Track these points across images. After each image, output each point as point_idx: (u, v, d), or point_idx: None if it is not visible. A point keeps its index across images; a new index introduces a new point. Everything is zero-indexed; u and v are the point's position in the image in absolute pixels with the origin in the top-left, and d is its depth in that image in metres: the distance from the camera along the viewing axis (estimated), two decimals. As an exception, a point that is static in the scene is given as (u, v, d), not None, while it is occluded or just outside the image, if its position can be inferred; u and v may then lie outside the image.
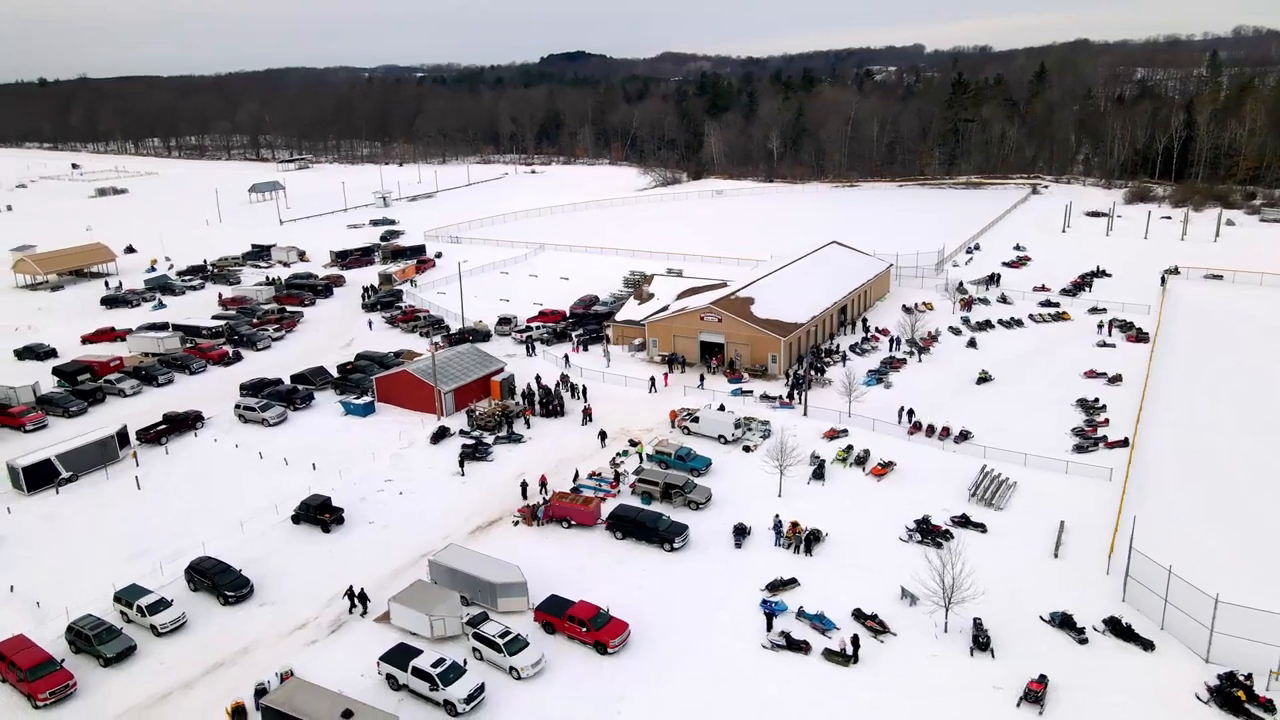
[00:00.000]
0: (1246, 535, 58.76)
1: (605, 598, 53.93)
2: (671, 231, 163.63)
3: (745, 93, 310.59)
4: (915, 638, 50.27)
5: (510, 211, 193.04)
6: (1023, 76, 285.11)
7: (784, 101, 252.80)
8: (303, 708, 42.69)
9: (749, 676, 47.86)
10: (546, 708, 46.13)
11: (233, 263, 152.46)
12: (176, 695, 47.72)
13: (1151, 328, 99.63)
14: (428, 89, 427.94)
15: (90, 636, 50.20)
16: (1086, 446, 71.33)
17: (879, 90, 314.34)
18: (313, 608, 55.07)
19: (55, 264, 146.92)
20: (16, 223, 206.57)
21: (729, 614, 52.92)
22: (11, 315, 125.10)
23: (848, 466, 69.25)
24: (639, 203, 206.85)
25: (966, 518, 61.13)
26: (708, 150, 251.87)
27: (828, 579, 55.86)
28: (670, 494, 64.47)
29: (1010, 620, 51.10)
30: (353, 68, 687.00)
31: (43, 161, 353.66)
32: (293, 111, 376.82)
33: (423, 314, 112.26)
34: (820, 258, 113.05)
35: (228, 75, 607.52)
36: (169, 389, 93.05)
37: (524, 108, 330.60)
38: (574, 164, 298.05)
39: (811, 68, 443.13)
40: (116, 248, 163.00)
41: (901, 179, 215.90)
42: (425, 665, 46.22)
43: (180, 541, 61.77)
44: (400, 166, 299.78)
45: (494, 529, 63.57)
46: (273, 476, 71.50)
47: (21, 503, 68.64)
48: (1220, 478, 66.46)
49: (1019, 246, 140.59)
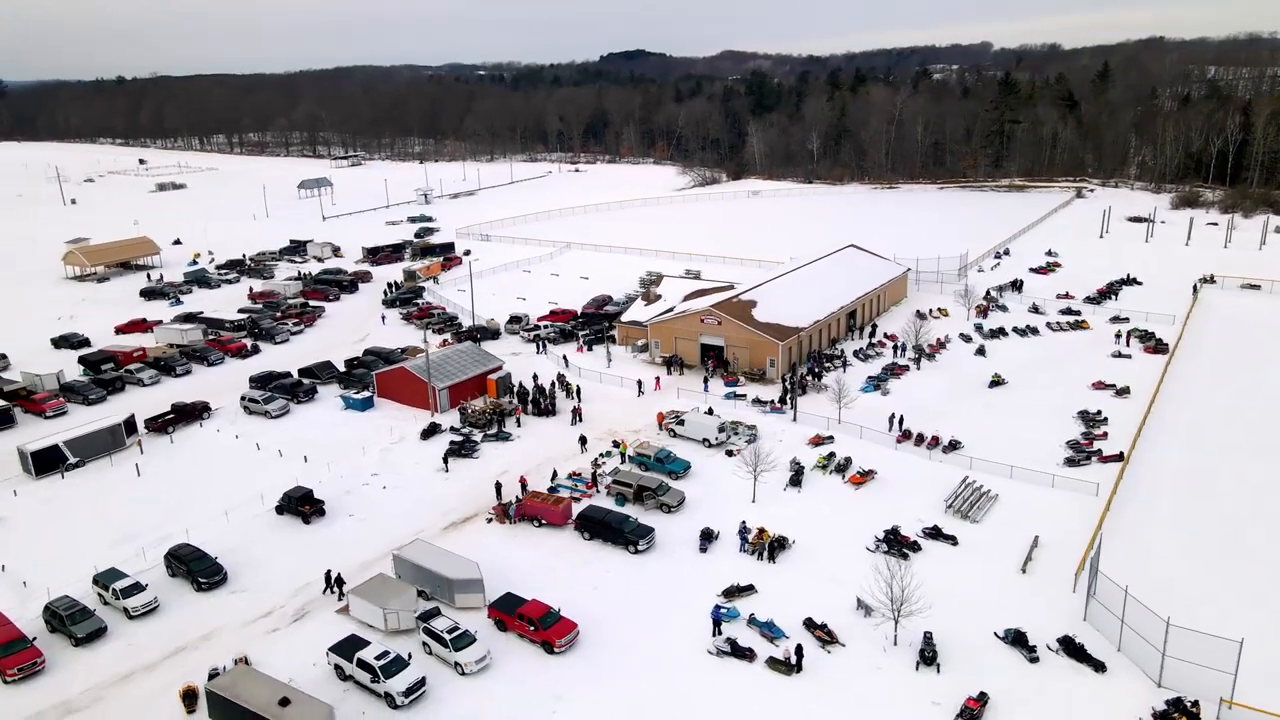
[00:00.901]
0: (1229, 562, 56.55)
1: (562, 597, 54.50)
2: (700, 232, 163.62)
3: (794, 92, 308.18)
4: (864, 649, 49.75)
5: (546, 210, 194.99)
6: (1086, 76, 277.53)
7: (826, 101, 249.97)
8: (243, 694, 44.03)
9: (689, 682, 47.91)
10: (485, 704, 46.82)
11: (269, 257, 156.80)
12: (138, 676, 49.60)
13: (1176, 339, 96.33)
14: (478, 87, 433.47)
15: (64, 617, 52.43)
16: (1078, 460, 69.52)
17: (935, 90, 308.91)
18: (280, 597, 56.65)
19: (102, 256, 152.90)
20: (79, 216, 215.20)
21: (681, 618, 52.95)
22: (58, 305, 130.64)
23: (827, 474, 68.60)
24: (674, 203, 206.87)
25: (938, 529, 60.13)
26: (750, 150, 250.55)
27: (787, 586, 55.54)
28: (642, 496, 64.69)
29: (964, 635, 50.22)
30: (416, 65, 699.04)
31: (113, 157, 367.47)
32: (350, 109, 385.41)
33: (437, 311, 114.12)
34: (835, 261, 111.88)
35: (298, 73, 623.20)
36: (186, 380, 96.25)
37: (571, 107, 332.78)
38: (618, 163, 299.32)
39: (871, 66, 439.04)
40: (169, 241, 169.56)
41: (942, 181, 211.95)
42: (369, 657, 47.27)
43: (167, 528, 63.99)
44: (452, 163, 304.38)
45: (468, 526, 64.55)
46: (266, 467, 73.51)
47: (28, 486, 71.86)
48: (1214, 501, 63.99)
49: (1050, 252, 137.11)
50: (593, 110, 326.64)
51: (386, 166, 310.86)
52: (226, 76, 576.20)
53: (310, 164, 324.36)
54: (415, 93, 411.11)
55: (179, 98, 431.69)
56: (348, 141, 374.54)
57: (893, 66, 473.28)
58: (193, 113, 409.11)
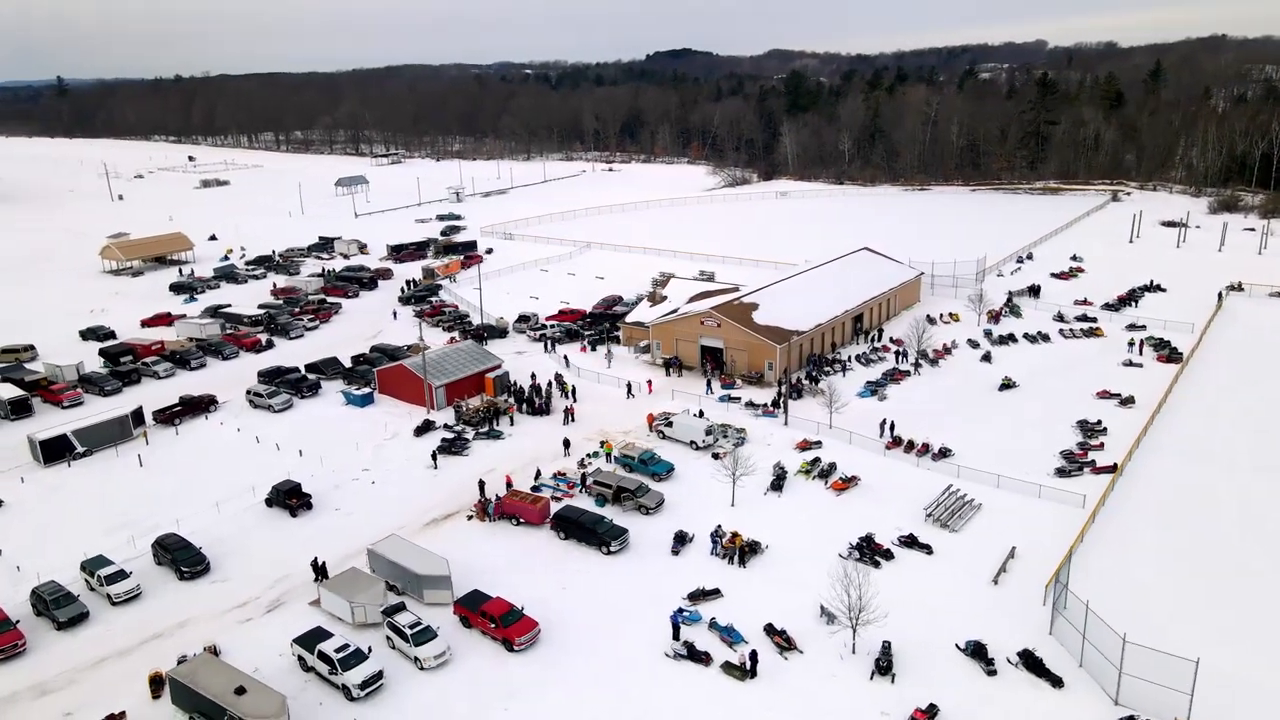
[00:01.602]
0: (1210, 582, 54.93)
1: (529, 596, 55.07)
2: (722, 233, 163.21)
3: (833, 92, 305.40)
4: (821, 656, 49.51)
5: (573, 209, 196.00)
6: (1138, 75, 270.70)
7: (862, 101, 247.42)
8: (201, 681, 45.31)
9: (644, 684, 48.11)
10: (440, 699, 47.51)
11: (298, 254, 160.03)
12: (111, 660, 51.22)
13: (1191, 348, 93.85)
14: (519, 87, 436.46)
15: (48, 601, 54.31)
16: (1070, 470, 68.20)
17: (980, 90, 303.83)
18: (258, 588, 58.01)
19: (138, 251, 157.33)
20: (124, 211, 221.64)
21: (645, 620, 53.10)
22: (92, 298, 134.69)
23: (810, 479, 68.20)
24: (702, 203, 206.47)
25: (914, 538, 59.49)
26: (783, 150, 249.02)
27: (754, 591, 55.47)
28: (621, 497, 64.96)
29: (925, 646, 49.73)
30: (465, 65, 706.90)
31: (164, 154, 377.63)
32: (393, 108, 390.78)
33: (449, 309, 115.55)
34: (845, 264, 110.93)
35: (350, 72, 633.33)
36: (201, 373, 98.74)
37: (608, 106, 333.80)
38: (652, 162, 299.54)
39: (920, 66, 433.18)
40: (205, 237, 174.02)
41: (975, 183, 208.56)
42: (329, 649, 48.26)
43: (160, 517, 65.80)
44: (488, 162, 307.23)
45: (449, 522, 65.41)
46: (263, 461, 75.19)
47: (36, 474, 74.44)
48: (1205, 517, 62.27)
49: (1075, 257, 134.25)
50: (628, 109, 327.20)
51: (425, 165, 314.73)
52: (281, 75, 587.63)
53: (352, 162, 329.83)
54: (455, 92, 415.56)
55: (229, 96, 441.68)
56: (389, 140, 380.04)
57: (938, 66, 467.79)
58: (240, 111, 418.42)
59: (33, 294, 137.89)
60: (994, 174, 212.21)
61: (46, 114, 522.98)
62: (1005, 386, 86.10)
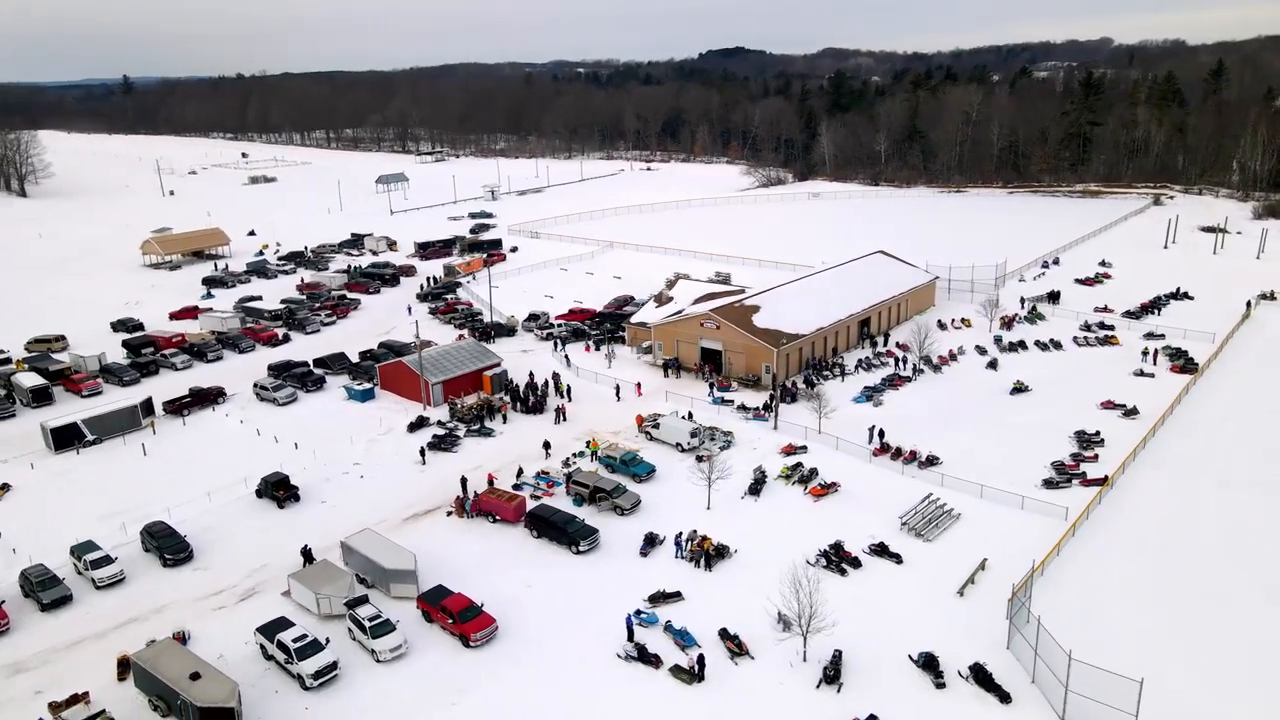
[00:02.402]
0: (1177, 601, 53.34)
1: (495, 592, 55.81)
2: (748, 233, 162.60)
3: (879, 91, 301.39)
4: (772, 663, 49.32)
5: (604, 208, 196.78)
6: (1202, 74, 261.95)
7: (900, 101, 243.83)
8: (160, 666, 46.84)
9: (592, 685, 48.42)
10: (390, 692, 48.43)
11: (329, 250, 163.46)
12: (87, 642, 53.13)
13: (1208, 360, 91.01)
14: (563, 85, 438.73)
15: (34, 583, 56.58)
16: (1058, 482, 66.75)
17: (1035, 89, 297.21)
18: (236, 576, 59.64)
19: (177, 246, 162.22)
20: (174, 206, 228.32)
21: (603, 620, 53.40)
22: (128, 290, 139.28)
23: (790, 484, 67.80)
24: (732, 203, 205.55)
25: (884, 546, 58.85)
26: (820, 151, 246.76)
27: (715, 595, 55.43)
28: (596, 497, 65.35)
29: (879, 656, 49.24)
30: (519, 63, 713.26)
31: (220, 150, 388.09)
32: (441, 106, 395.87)
33: (462, 306, 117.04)
34: (857, 267, 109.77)
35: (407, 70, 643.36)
36: (217, 365, 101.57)
37: (649, 105, 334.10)
38: (691, 162, 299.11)
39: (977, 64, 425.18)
40: (246, 232, 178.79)
41: (1013, 185, 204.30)
42: (287, 639, 49.48)
43: (153, 505, 67.95)
44: (530, 160, 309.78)
45: (428, 517, 66.45)
46: (261, 453, 77.10)
47: (46, 460, 77.40)
48: (1188, 535, 60.43)
49: (1104, 263, 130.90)
50: (669, 109, 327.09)
51: (468, 163, 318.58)
52: (340, 74, 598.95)
53: (397, 159, 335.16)
54: (501, 90, 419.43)
55: (283, 94, 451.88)
56: (435, 138, 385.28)
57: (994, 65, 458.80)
58: (293, 109, 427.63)
59: (77, 286, 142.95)
60: (1033, 176, 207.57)
61: (113, 111, 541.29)
62: (1017, 390, 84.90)
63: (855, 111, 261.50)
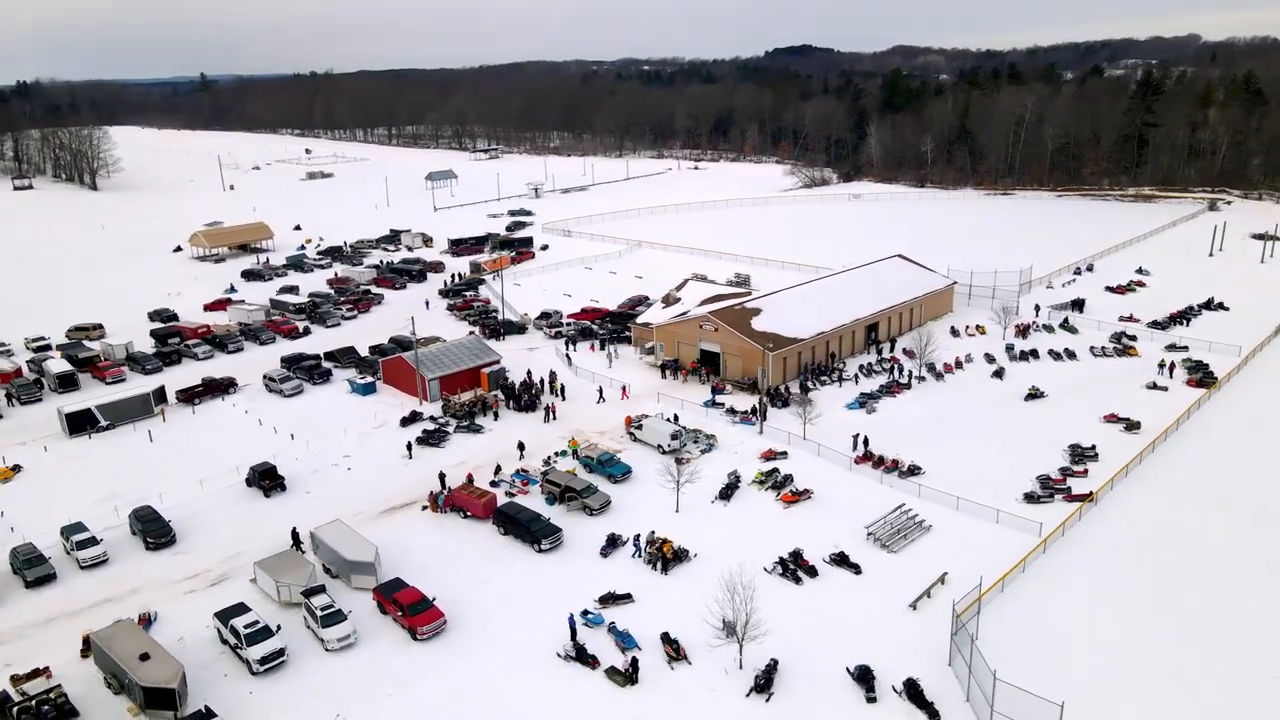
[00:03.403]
0: (1133, 626, 51.51)
1: (452, 587, 56.87)
2: (778, 235, 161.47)
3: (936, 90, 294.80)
4: (708, 669, 49.19)
5: (641, 207, 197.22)
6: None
7: (949, 101, 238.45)
8: (114, 645, 48.87)
9: (527, 683, 48.94)
10: (333, 680, 49.63)
11: (367, 245, 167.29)
12: (62, 619, 55.63)
13: (1227, 374, 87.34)
14: (618, 84, 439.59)
15: (21, 561, 59.47)
16: (1040, 497, 64.93)
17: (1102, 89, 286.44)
18: (212, 561, 61.76)
19: (222, 239, 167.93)
20: (231, 200, 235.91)
21: (551, 619, 53.75)
22: (172, 282, 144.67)
23: (763, 490, 67.31)
24: (771, 204, 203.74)
25: (844, 556, 58.09)
26: (868, 151, 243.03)
27: (666, 599, 55.46)
28: (566, 497, 65.85)
29: (817, 667, 48.74)
30: (585, 60, 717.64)
31: (285, 146, 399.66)
32: (500, 104, 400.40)
33: (479, 303, 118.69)
34: (872, 271, 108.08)
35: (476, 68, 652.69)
36: (238, 356, 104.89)
37: (702, 104, 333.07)
38: (741, 161, 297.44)
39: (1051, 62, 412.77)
40: (292, 227, 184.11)
41: (1063, 188, 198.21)
42: (239, 625, 51.14)
43: (149, 490, 70.70)
44: (583, 158, 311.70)
45: (404, 511, 67.75)
46: (260, 442, 79.52)
47: (60, 444, 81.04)
48: (1164, 557, 58.16)
49: (1141, 270, 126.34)
50: (721, 107, 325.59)
51: (520, 160, 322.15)
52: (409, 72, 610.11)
53: (452, 156, 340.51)
54: (558, 88, 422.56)
55: (347, 92, 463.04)
56: (491, 135, 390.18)
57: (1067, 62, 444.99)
58: (356, 107, 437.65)
59: (127, 276, 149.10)
60: (1084, 179, 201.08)
61: (190, 108, 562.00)
62: (1032, 396, 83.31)
63: (908, 111, 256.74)
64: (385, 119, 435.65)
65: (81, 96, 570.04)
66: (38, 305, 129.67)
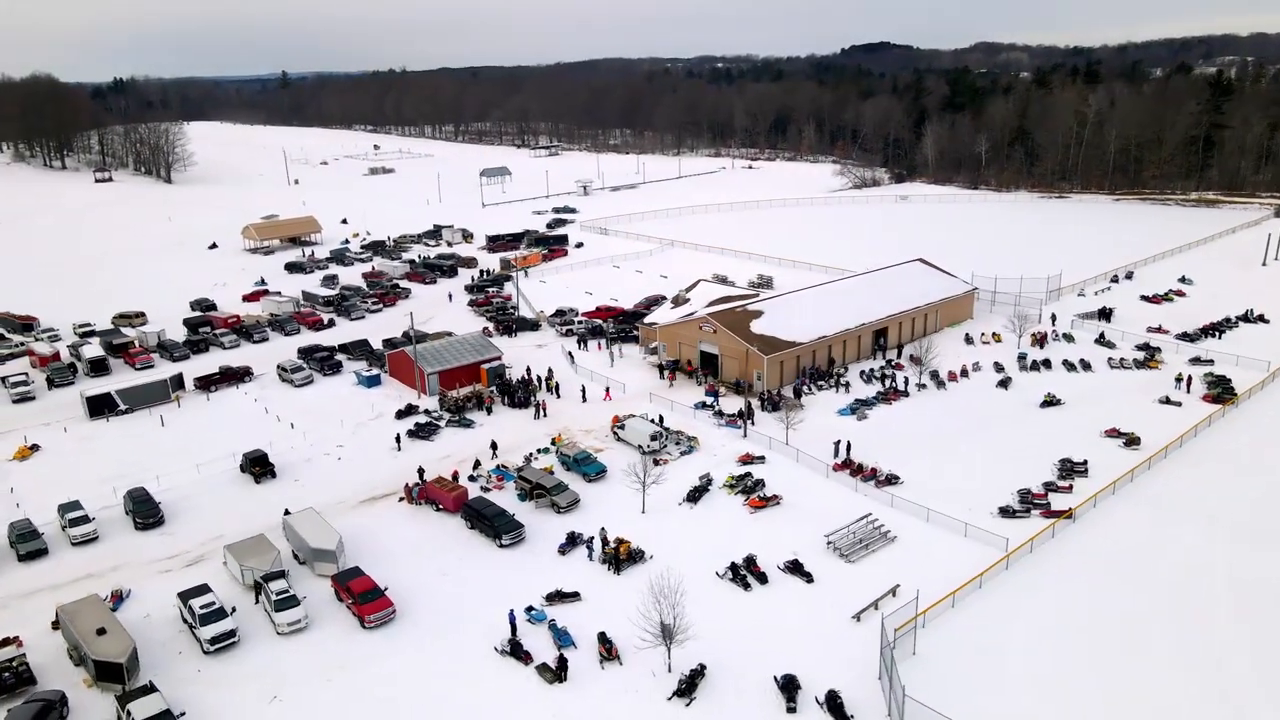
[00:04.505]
0: (1085, 652, 49.86)
1: (409, 577, 58.35)
2: (814, 236, 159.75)
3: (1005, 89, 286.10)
4: (637, 671, 49.41)
5: (682, 206, 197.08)
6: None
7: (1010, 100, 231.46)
8: (76, 620, 51.52)
9: (461, 675, 49.85)
10: (277, 662, 51.36)
11: (409, 240, 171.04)
12: (43, 592, 58.67)
13: (1247, 392, 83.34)
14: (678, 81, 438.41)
15: (16, 536, 62.98)
16: (1016, 511, 63.15)
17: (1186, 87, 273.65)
18: (192, 543, 64.38)
19: (272, 232, 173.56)
20: (293, 194, 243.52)
21: (499, 613, 54.55)
22: (219, 273, 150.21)
23: (733, 494, 66.99)
24: (816, 204, 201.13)
25: (798, 564, 57.55)
26: (923, 151, 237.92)
27: (613, 599, 55.71)
28: (534, 494, 66.65)
29: (746, 674, 48.55)
30: (661, 58, 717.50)
31: (355, 142, 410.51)
32: (564, 101, 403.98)
33: (497, 300, 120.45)
34: (888, 275, 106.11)
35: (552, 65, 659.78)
36: (262, 345, 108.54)
37: (761, 102, 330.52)
38: (797, 160, 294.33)
39: (1139, 59, 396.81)
40: (339, 220, 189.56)
41: (1122, 192, 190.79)
42: (196, 605, 53.35)
43: (146, 472, 73.95)
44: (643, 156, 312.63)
45: (382, 502, 69.42)
46: (263, 430, 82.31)
47: (79, 426, 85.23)
48: (1136, 580, 56.01)
49: (1184, 279, 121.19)
50: (780, 106, 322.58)
51: (578, 157, 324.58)
52: (486, 69, 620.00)
53: (513, 153, 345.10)
54: (621, 85, 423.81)
55: (415, 89, 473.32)
56: (557, 132, 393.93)
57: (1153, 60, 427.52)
58: (425, 103, 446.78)
59: (179, 266, 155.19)
60: (1145, 182, 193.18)
61: (271, 104, 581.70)
62: (1047, 404, 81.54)
63: (970, 111, 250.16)
64: (452, 116, 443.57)
65: (173, 93, 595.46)
66: (95, 292, 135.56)
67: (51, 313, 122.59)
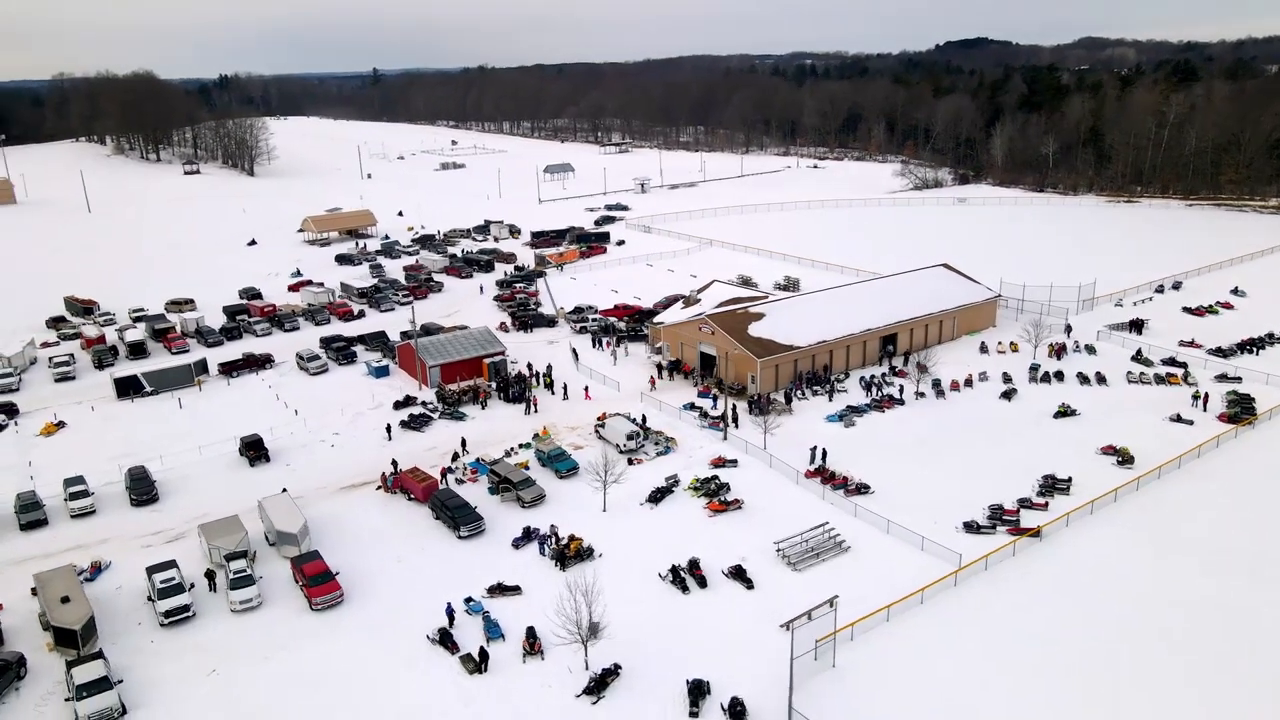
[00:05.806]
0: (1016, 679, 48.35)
1: (366, 562, 60.49)
2: (859, 237, 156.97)
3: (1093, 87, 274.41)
4: (556, 667, 50.15)
5: (732, 205, 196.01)
6: None
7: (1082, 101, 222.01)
8: (46, 587, 55.07)
9: (390, 660, 51.41)
10: (223, 638, 53.79)
11: (459, 234, 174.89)
12: (35, 560, 62.57)
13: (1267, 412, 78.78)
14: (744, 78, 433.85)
15: (20, 505, 67.48)
16: (980, 527, 61.39)
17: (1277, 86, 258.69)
18: (178, 520, 67.77)
19: (329, 225, 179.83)
20: (364, 188, 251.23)
21: (439, 603, 56.00)
22: (274, 263, 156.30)
23: (697, 496, 66.91)
24: (870, 205, 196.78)
25: (741, 570, 57.26)
26: (991, 151, 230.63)
27: (552, 595, 56.17)
28: (501, 488, 67.90)
29: (661, 677, 48.79)
30: (750, 55, 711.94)
31: (434, 137, 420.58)
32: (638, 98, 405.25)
33: (521, 296, 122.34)
34: (908, 279, 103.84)
35: (642, 61, 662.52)
36: (292, 334, 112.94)
37: (832, 100, 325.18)
38: (865, 160, 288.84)
39: (1254, 56, 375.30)
40: (398, 213, 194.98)
41: (1195, 197, 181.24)
42: (158, 580, 56.38)
43: (152, 451, 78.07)
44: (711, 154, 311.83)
45: (360, 489, 71.69)
46: (269, 415, 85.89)
47: (106, 405, 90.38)
48: (1090, 608, 53.81)
49: (1237, 290, 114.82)
50: (850, 104, 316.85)
51: (646, 154, 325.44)
52: (571, 66, 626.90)
53: (584, 150, 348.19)
54: (696, 82, 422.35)
55: (496, 85, 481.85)
56: (629, 129, 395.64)
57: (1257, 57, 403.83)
58: (505, 100, 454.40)
59: (240, 256, 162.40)
60: (1222, 187, 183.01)
61: (362, 100, 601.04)
62: (1061, 414, 79.44)
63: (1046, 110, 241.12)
64: (531, 112, 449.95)
65: (273, 89, 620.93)
66: (158, 279, 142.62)
67: (116, 297, 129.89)
